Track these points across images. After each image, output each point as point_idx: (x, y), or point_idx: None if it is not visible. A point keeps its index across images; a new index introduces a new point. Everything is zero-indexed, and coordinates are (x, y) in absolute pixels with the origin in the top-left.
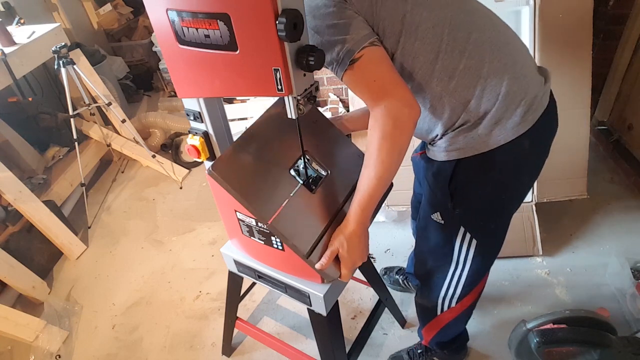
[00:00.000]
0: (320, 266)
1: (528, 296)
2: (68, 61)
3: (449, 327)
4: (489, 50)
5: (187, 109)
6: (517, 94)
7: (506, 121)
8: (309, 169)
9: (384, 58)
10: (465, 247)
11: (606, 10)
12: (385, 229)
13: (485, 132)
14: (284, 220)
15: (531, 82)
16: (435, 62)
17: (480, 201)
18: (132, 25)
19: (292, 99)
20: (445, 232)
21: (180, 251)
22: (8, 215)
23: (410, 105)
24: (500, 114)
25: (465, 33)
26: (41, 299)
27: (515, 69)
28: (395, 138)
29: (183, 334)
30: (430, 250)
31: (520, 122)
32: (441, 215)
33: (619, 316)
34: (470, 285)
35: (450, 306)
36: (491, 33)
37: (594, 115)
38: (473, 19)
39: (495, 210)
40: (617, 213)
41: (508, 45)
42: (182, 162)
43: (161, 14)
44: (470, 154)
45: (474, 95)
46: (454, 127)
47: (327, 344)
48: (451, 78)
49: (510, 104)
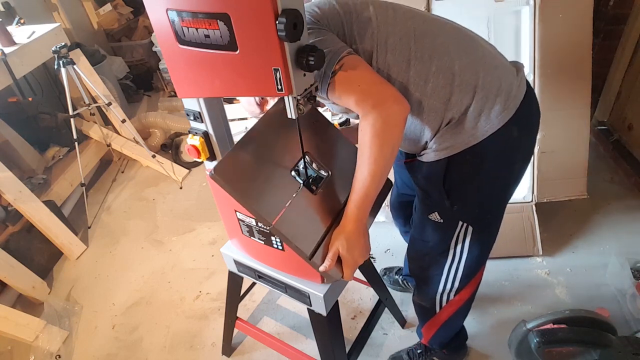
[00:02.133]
0: (325, 268)
1: (528, 296)
2: (68, 61)
3: (448, 324)
4: (456, 49)
5: (187, 109)
6: (493, 83)
7: (489, 111)
8: (309, 169)
9: (362, 62)
10: (462, 239)
11: (606, 10)
12: (385, 229)
13: (471, 125)
14: (286, 223)
15: (504, 72)
16: (409, 70)
17: (477, 194)
18: (132, 25)
19: (292, 99)
20: (444, 229)
21: (180, 251)
22: (8, 215)
23: (398, 101)
24: (481, 105)
25: (431, 38)
26: (41, 299)
27: (485, 61)
28: (387, 135)
29: (183, 334)
30: (428, 250)
31: (502, 110)
32: (439, 214)
33: (619, 316)
34: (468, 277)
35: (449, 299)
36: (456, 33)
37: (594, 115)
38: (436, 25)
39: (493, 200)
40: (617, 213)
41: (473, 42)
42: (182, 162)
43: (161, 14)
44: (460, 149)
45: (452, 92)
46: (440, 127)
47: (327, 344)
48: (426, 82)
49: (489, 94)
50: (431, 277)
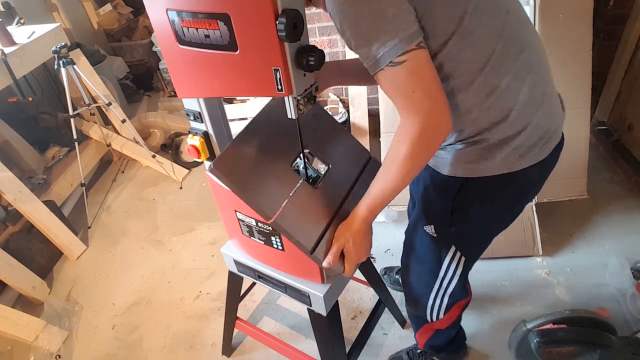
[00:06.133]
0: (328, 263)
1: (528, 296)
2: (68, 61)
3: (441, 333)
4: (535, 74)
5: (187, 109)
6: (543, 126)
7: (527, 150)
8: (309, 168)
9: (428, 66)
10: (454, 266)
11: (606, 10)
12: (385, 229)
13: (502, 156)
14: (286, 217)
15: (556, 114)
16: (479, 74)
17: (479, 223)
18: (132, 25)
19: (292, 99)
20: (435, 245)
21: (180, 251)
22: (8, 215)
23: (447, 123)
24: (523, 142)
25: (518, 49)
26: (41, 299)
27: (550, 99)
28: (422, 153)
29: (183, 334)
30: (417, 260)
31: (539, 152)
32: (435, 228)
33: (619, 316)
34: (455, 297)
35: (439, 317)
36: (539, 53)
37: (594, 115)
38: (525, 33)
39: (489, 232)
40: (617, 213)
41: (548, 72)
42: (182, 162)
43: (161, 14)
44: (480, 174)
45: (505, 118)
46: (466, 140)
47: (327, 344)
48: (489, 95)
49: (534, 135)
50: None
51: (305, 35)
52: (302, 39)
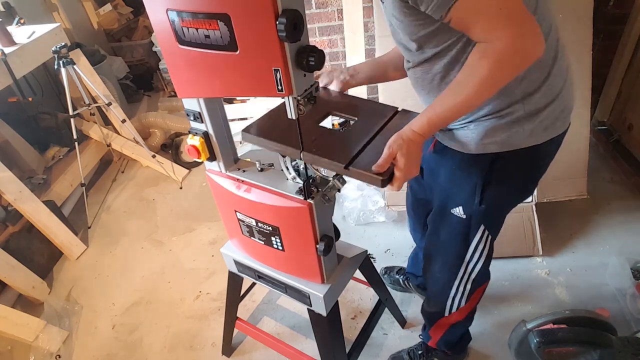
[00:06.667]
0: (378, 167)
1: (528, 296)
2: (68, 61)
3: (455, 328)
4: (560, 47)
5: (187, 109)
6: (567, 98)
7: (551, 122)
8: (309, 169)
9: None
10: (482, 246)
11: (606, 10)
12: (385, 229)
13: (530, 128)
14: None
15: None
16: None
17: (506, 198)
18: (132, 25)
19: (293, 100)
20: (463, 228)
21: (180, 251)
22: (8, 215)
23: (539, 37)
24: (550, 113)
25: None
26: (41, 299)
27: (570, 73)
28: (507, 72)
29: (183, 334)
30: (442, 248)
31: (560, 125)
32: (464, 209)
33: (619, 316)
34: (477, 282)
35: (460, 306)
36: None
37: (594, 115)
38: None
39: (509, 208)
40: (617, 213)
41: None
42: (182, 162)
43: (161, 14)
44: (509, 148)
45: (539, 89)
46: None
47: (327, 344)
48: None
49: (559, 107)
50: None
51: (306, 36)
52: (302, 39)
